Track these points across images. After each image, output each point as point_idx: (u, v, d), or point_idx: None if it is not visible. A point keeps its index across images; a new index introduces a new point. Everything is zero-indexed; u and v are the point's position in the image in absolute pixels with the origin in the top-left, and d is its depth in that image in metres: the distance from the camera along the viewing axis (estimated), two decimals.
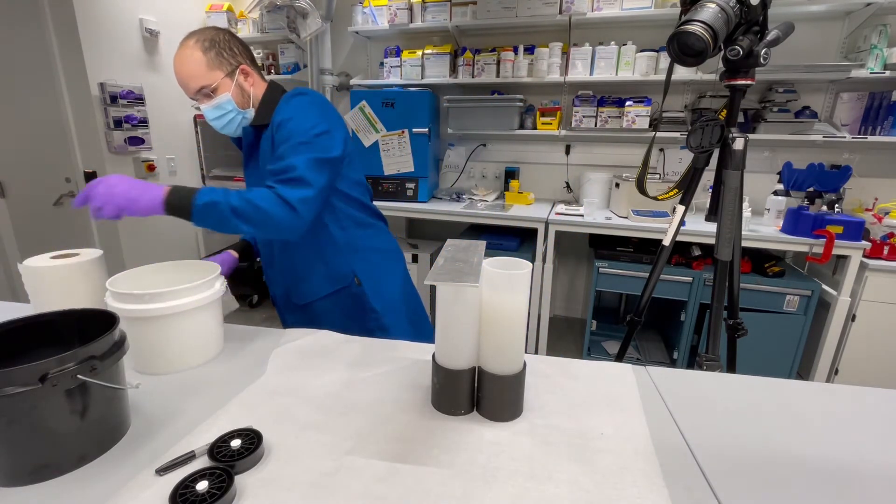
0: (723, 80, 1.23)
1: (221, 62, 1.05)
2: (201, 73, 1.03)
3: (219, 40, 1.05)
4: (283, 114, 1.06)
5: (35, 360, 0.54)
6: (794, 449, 0.68)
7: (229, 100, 1.07)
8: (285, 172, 0.99)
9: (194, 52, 1.02)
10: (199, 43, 1.03)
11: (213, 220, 0.93)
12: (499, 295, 0.68)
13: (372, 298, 1.23)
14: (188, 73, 1.03)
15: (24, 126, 2.67)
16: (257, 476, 0.59)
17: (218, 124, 1.10)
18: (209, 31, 1.06)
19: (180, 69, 1.04)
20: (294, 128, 1.02)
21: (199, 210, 0.91)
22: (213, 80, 1.05)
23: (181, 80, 1.05)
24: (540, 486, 0.59)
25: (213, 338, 0.92)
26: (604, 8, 2.50)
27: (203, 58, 1.03)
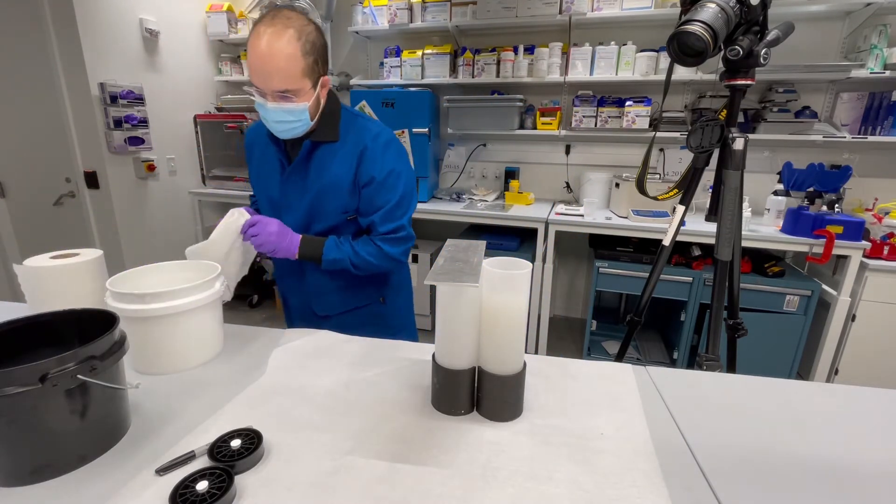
0: (723, 80, 1.23)
1: (314, 71, 0.97)
2: (293, 75, 0.94)
3: (318, 46, 0.97)
4: (386, 164, 1.07)
5: (35, 360, 0.54)
6: (794, 449, 0.68)
7: (305, 109, 0.98)
8: (395, 233, 1.11)
9: (294, 51, 0.92)
10: (301, 43, 0.92)
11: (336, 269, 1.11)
12: (499, 295, 0.68)
13: (392, 317, 1.27)
14: (280, 69, 0.92)
15: (24, 126, 2.67)
16: (257, 476, 0.59)
17: (280, 128, 1.01)
18: (310, 30, 0.95)
19: (270, 63, 0.91)
20: (397, 185, 1.09)
21: (326, 263, 1.09)
22: (301, 87, 0.96)
23: (266, 72, 0.93)
24: (540, 486, 0.59)
25: (213, 338, 0.92)
26: (604, 8, 2.50)
27: (301, 61, 0.93)
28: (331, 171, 1.08)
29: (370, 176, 1.07)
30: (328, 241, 1.09)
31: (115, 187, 2.70)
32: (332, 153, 1.08)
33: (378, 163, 1.07)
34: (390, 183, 1.08)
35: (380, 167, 1.07)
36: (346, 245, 1.10)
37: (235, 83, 3.53)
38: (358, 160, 1.07)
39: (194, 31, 3.19)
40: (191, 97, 3.17)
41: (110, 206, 2.71)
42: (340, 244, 1.09)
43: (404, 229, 1.12)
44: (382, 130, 1.10)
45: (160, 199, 3.01)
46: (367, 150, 1.06)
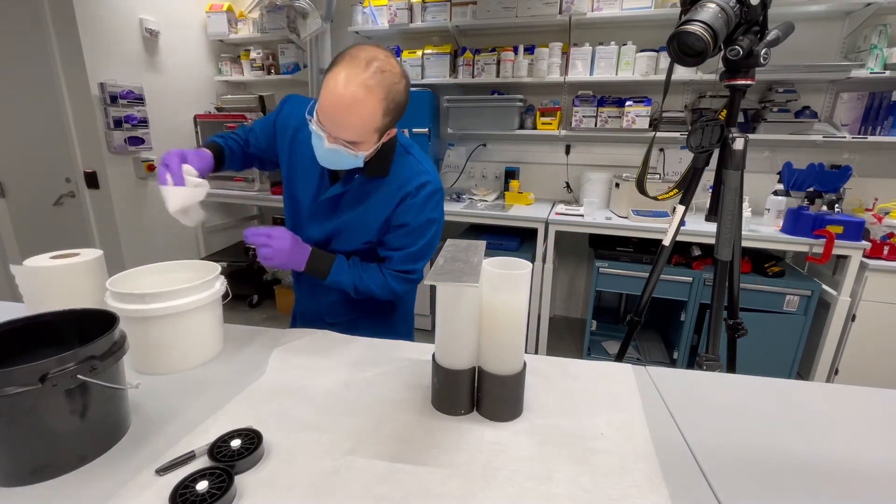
0: (723, 80, 1.23)
1: (387, 127, 0.90)
2: (366, 132, 0.87)
3: (399, 102, 0.89)
4: (423, 214, 1.05)
5: (35, 360, 0.54)
6: (793, 449, 0.68)
7: (362, 158, 0.92)
8: (408, 274, 1.09)
9: (375, 111, 0.84)
10: (384, 102, 0.85)
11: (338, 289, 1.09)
12: (499, 295, 0.68)
13: (399, 323, 1.27)
14: (354, 125, 0.85)
15: (24, 126, 2.67)
16: (257, 476, 0.59)
17: (326, 162, 0.95)
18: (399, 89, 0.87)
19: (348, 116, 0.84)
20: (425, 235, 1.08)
21: (329, 282, 1.06)
22: (369, 140, 0.90)
23: (338, 122, 0.85)
24: (540, 486, 0.59)
25: (212, 338, 0.92)
26: (604, 8, 2.50)
27: (379, 121, 0.86)
28: (369, 205, 1.05)
29: (405, 221, 1.05)
30: (336, 262, 1.06)
31: (115, 187, 2.70)
32: (377, 187, 1.04)
33: (416, 211, 1.04)
34: (420, 231, 1.07)
35: (416, 215, 1.04)
36: (354, 270, 1.08)
37: (235, 83, 3.53)
38: (398, 202, 1.03)
39: (194, 31, 3.19)
40: (191, 97, 3.17)
41: (110, 206, 2.71)
42: (349, 268, 1.07)
43: (417, 272, 1.12)
44: (431, 178, 1.05)
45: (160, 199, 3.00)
46: (409, 197, 1.03)
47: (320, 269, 1.05)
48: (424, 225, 1.06)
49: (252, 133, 1.23)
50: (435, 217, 1.08)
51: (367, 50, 0.85)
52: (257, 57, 3.27)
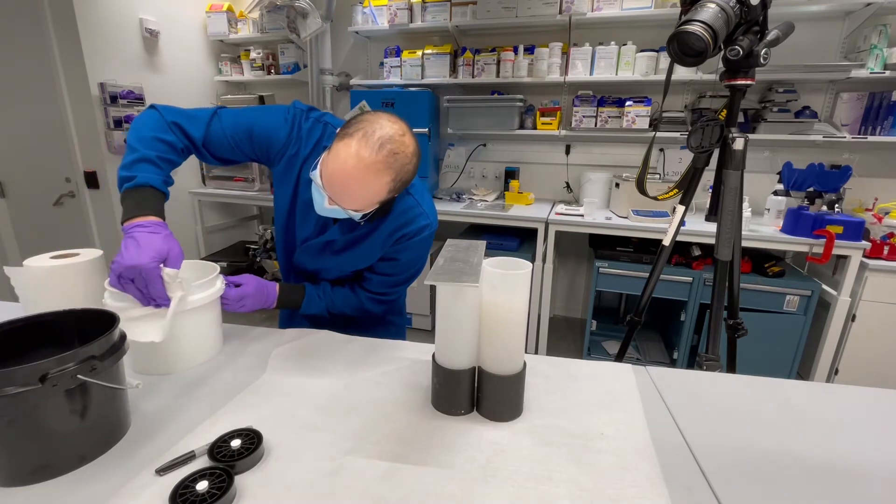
0: (723, 80, 1.23)
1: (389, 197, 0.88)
2: (368, 205, 0.86)
3: (406, 181, 0.88)
4: (412, 253, 1.06)
5: (35, 360, 0.54)
6: (794, 449, 0.68)
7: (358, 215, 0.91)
8: (383, 296, 1.12)
9: (381, 190, 0.83)
10: (392, 183, 0.84)
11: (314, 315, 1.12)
12: (499, 295, 0.68)
13: (391, 325, 1.28)
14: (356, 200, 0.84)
15: (24, 126, 2.67)
16: (257, 476, 0.59)
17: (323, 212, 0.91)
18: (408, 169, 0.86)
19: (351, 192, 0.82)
20: (410, 272, 1.10)
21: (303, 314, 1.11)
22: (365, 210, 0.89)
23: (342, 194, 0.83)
24: (540, 486, 0.59)
25: (212, 338, 0.92)
26: (604, 8, 2.50)
27: (384, 195, 0.85)
28: (368, 245, 1.04)
29: (396, 256, 1.06)
30: (307, 295, 1.08)
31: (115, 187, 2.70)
32: (375, 227, 1.02)
33: (410, 251, 1.05)
34: (407, 265, 1.09)
35: (408, 253, 1.06)
36: (325, 298, 1.10)
37: (235, 83, 3.53)
38: (395, 241, 1.03)
39: (194, 31, 3.19)
40: (191, 97, 3.18)
41: (110, 206, 2.71)
42: (319, 299, 1.09)
43: (393, 296, 1.14)
44: (430, 221, 1.04)
45: None
46: (405, 238, 1.03)
47: (291, 304, 1.09)
48: (413, 261, 1.09)
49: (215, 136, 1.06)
50: (424, 256, 1.10)
51: (384, 126, 0.82)
52: (257, 57, 3.27)
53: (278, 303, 1.07)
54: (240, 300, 0.99)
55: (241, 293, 0.99)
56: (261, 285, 1.04)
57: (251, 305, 1.03)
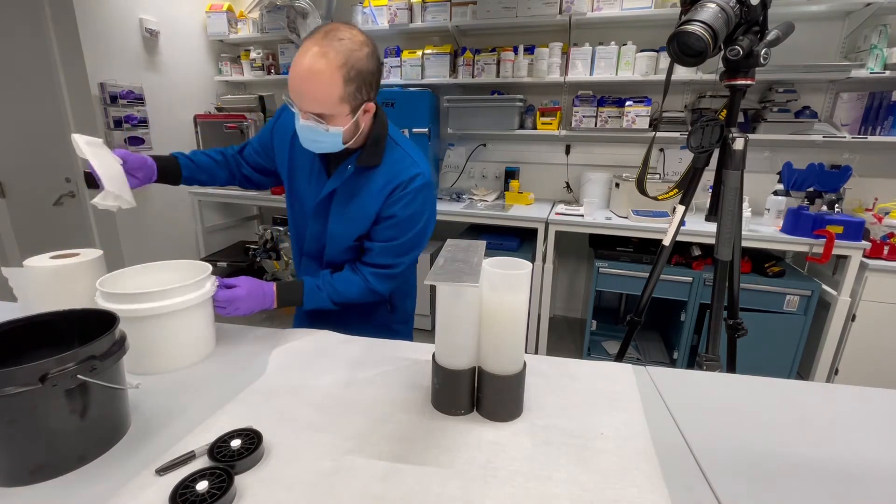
0: (723, 80, 1.23)
1: (354, 98, 0.91)
2: (330, 102, 0.88)
3: (365, 72, 0.89)
4: (411, 207, 1.03)
5: (35, 360, 0.54)
6: (794, 449, 0.68)
7: (338, 134, 0.93)
8: (387, 268, 1.08)
9: (334, 78, 0.86)
10: (345, 70, 0.86)
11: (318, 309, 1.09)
12: (499, 295, 0.68)
13: (397, 319, 1.26)
14: (315, 95, 0.88)
15: (24, 126, 2.67)
16: (257, 476, 0.59)
17: (307, 143, 0.96)
18: (360, 56, 0.88)
19: (307, 85, 0.87)
20: (411, 229, 1.06)
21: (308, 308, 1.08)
22: (337, 113, 0.91)
23: (300, 93, 0.88)
24: (540, 486, 0.59)
25: (204, 338, 0.91)
26: (604, 8, 2.50)
27: (341, 88, 0.87)
28: (362, 199, 1.05)
29: (393, 213, 1.04)
30: (306, 287, 1.06)
31: None
32: (368, 179, 1.04)
33: (405, 203, 1.03)
34: (407, 224, 1.05)
35: (404, 207, 1.03)
36: (325, 287, 1.07)
37: (235, 83, 3.53)
38: (389, 194, 1.03)
39: (194, 31, 3.19)
40: (191, 97, 3.17)
41: None
42: (319, 289, 1.07)
43: (396, 268, 1.09)
44: (422, 171, 1.05)
45: (160, 199, 3.01)
46: (399, 189, 1.02)
47: (293, 299, 1.06)
48: (412, 217, 1.05)
49: (249, 147, 1.22)
50: (424, 211, 1.06)
51: (331, 24, 0.89)
52: (257, 57, 3.27)
53: (278, 301, 1.05)
54: (231, 302, 0.96)
55: (232, 295, 0.97)
56: (255, 286, 1.01)
57: (246, 308, 0.99)
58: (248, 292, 0.99)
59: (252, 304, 1.00)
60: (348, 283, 1.08)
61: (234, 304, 0.97)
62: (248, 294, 0.99)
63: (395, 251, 1.07)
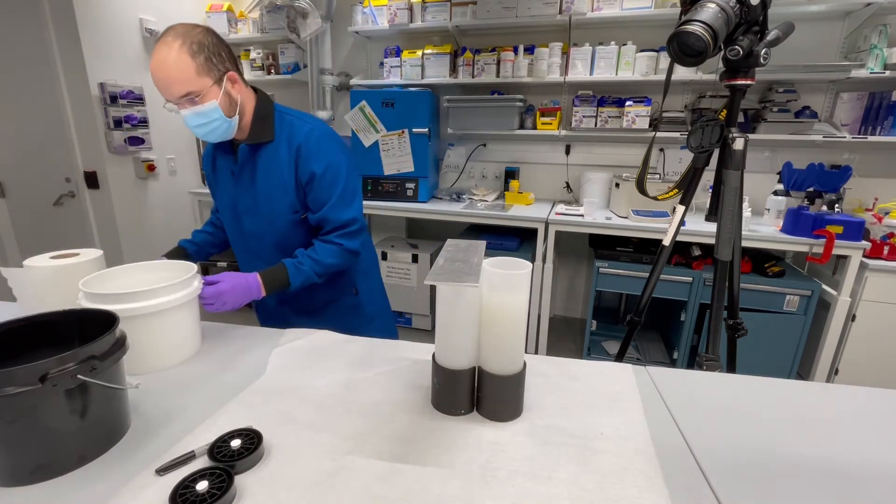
0: (723, 80, 1.23)
1: (210, 68, 0.98)
2: (188, 78, 0.95)
3: (207, 44, 0.98)
4: (322, 157, 1.08)
5: (35, 360, 0.54)
6: (794, 449, 0.68)
7: (216, 108, 1.00)
8: (348, 226, 1.12)
9: (181, 56, 0.94)
10: (187, 46, 0.95)
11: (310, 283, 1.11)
12: (499, 295, 0.68)
13: (366, 305, 1.29)
14: (173, 77, 0.95)
15: (24, 126, 2.67)
16: (257, 476, 0.59)
17: (201, 132, 1.02)
18: (195, 33, 0.97)
19: (163, 73, 0.95)
20: (339, 176, 1.10)
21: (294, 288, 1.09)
22: (202, 86, 0.97)
23: (163, 84, 0.96)
24: (540, 486, 0.59)
25: (190, 337, 0.91)
26: (604, 8, 2.50)
27: (191, 63, 0.95)
28: (273, 171, 1.10)
29: (310, 172, 1.08)
30: (289, 269, 1.08)
31: (115, 187, 2.70)
32: (272, 153, 1.09)
33: (315, 158, 1.08)
34: (330, 176, 1.09)
35: (317, 162, 1.08)
36: (305, 262, 1.10)
37: None
38: (295, 159, 1.08)
39: None
40: None
41: (110, 206, 2.71)
42: (300, 265, 1.09)
43: (357, 221, 1.13)
44: (315, 125, 1.11)
45: (160, 199, 3.01)
46: (302, 148, 1.07)
47: (279, 283, 1.08)
48: (330, 167, 1.09)
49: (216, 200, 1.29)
50: (337, 160, 1.10)
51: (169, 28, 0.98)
52: (257, 57, 3.27)
53: (266, 288, 1.06)
54: (218, 297, 0.99)
55: (217, 290, 0.99)
56: (238, 279, 1.03)
57: (233, 301, 1.02)
58: (231, 286, 1.01)
59: (238, 297, 1.02)
60: (325, 252, 1.11)
61: (220, 298, 0.99)
62: (231, 288, 1.01)
63: (342, 204, 1.11)
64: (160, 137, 2.92)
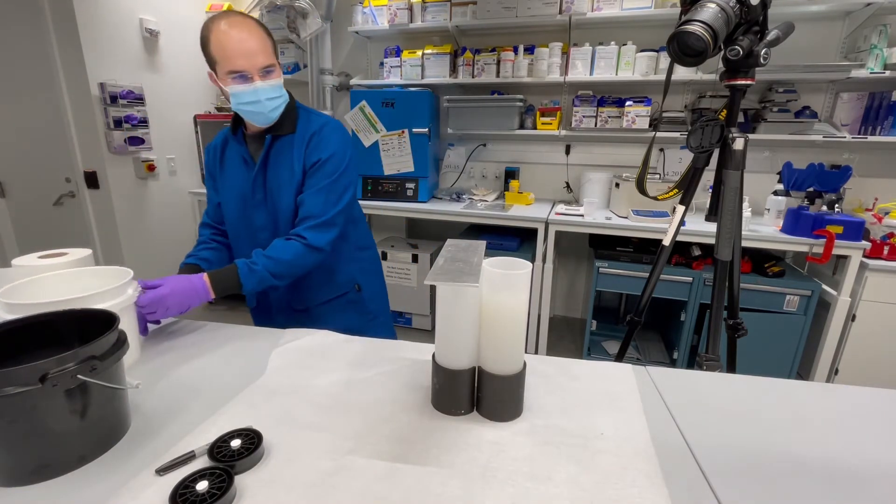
0: (723, 80, 1.23)
1: (276, 51, 1.07)
2: (270, 51, 1.03)
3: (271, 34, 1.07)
4: (330, 147, 1.11)
5: (35, 360, 0.54)
6: (794, 449, 0.68)
7: (282, 86, 1.07)
8: (319, 217, 1.08)
9: (262, 31, 1.02)
10: (262, 27, 1.03)
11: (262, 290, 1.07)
12: (499, 295, 0.68)
13: (368, 301, 1.29)
14: (259, 47, 1.01)
15: (24, 126, 2.67)
16: (257, 476, 0.59)
17: (269, 106, 1.05)
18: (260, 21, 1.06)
19: (252, 41, 0.99)
20: (338, 168, 1.11)
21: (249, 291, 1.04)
22: (276, 64, 1.05)
23: (250, 51, 0.99)
24: (540, 486, 0.59)
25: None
26: (604, 8, 2.50)
27: (269, 40, 1.04)
28: (287, 163, 1.11)
29: (316, 158, 1.10)
30: (240, 269, 1.02)
31: (115, 187, 2.70)
32: (289, 146, 1.12)
33: (324, 146, 1.11)
34: (331, 166, 1.11)
35: (324, 149, 1.11)
36: (259, 262, 1.04)
37: None
38: (306, 146, 1.11)
39: (194, 31, 3.17)
40: (191, 97, 3.17)
41: (110, 206, 2.71)
42: (253, 265, 1.03)
43: (331, 217, 1.10)
44: (331, 120, 1.16)
45: (160, 199, 3.01)
46: (314, 136, 1.11)
47: (229, 285, 1.02)
48: (333, 157, 1.11)
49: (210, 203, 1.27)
50: (342, 152, 1.12)
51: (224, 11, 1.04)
52: None
53: (215, 290, 1.01)
54: (158, 303, 0.92)
55: (156, 295, 0.92)
56: (181, 282, 0.97)
57: (177, 306, 0.95)
58: (171, 290, 0.95)
59: (181, 301, 0.95)
60: (282, 249, 1.06)
61: (160, 304, 0.93)
62: (172, 291, 0.94)
63: (324, 195, 1.10)
64: (160, 137, 2.92)
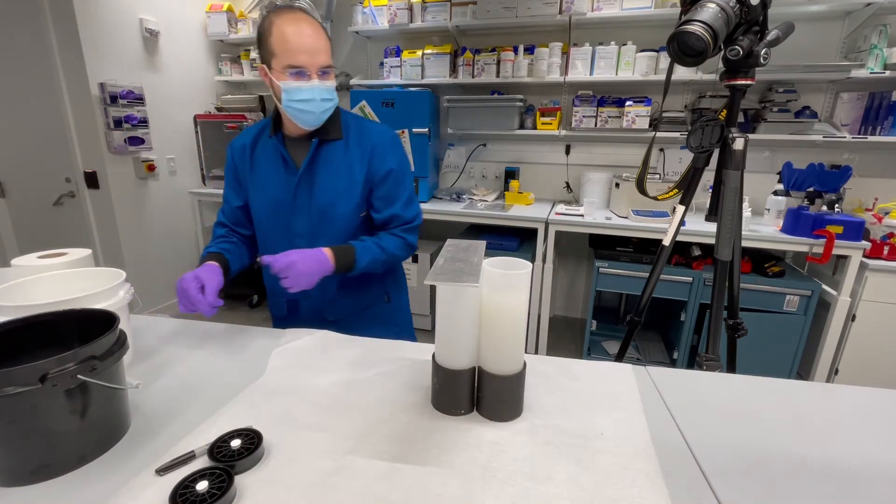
0: (723, 80, 1.23)
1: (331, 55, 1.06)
2: (329, 52, 1.03)
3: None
4: (397, 158, 1.14)
5: (35, 360, 0.54)
6: (794, 448, 0.68)
7: (335, 89, 1.06)
8: (411, 223, 1.17)
9: (323, 31, 1.02)
10: (322, 27, 1.02)
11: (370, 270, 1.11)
12: (499, 295, 0.68)
13: (396, 313, 1.29)
14: (322, 47, 1.00)
15: (24, 126, 2.67)
16: (257, 476, 0.59)
17: (321, 107, 1.03)
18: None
19: (317, 40, 0.99)
20: (407, 176, 1.17)
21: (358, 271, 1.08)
22: (332, 65, 1.04)
23: (314, 49, 0.99)
24: (540, 486, 0.59)
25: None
26: (604, 8, 2.50)
27: (328, 41, 1.03)
28: (341, 170, 1.09)
29: (388, 169, 1.12)
30: (357, 248, 1.07)
31: (115, 187, 2.70)
32: (339, 153, 1.10)
33: (390, 156, 1.13)
34: (403, 173, 1.15)
35: (392, 160, 1.13)
36: (372, 247, 1.09)
37: (235, 83, 3.53)
38: (369, 158, 1.11)
39: (194, 31, 3.19)
40: (191, 97, 3.18)
41: (110, 206, 2.71)
42: (367, 248, 1.08)
43: (417, 219, 1.19)
44: (386, 128, 1.17)
45: (160, 199, 3.01)
46: (377, 147, 1.12)
47: (346, 262, 1.05)
48: (402, 165, 1.15)
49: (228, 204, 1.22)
50: (405, 160, 1.17)
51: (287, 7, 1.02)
52: (257, 57, 3.26)
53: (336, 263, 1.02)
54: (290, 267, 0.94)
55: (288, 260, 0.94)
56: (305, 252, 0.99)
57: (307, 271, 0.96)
58: (300, 257, 0.97)
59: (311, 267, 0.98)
60: (391, 242, 1.13)
61: (292, 269, 0.95)
62: (301, 258, 0.97)
63: (409, 201, 1.17)
64: (160, 137, 2.93)
